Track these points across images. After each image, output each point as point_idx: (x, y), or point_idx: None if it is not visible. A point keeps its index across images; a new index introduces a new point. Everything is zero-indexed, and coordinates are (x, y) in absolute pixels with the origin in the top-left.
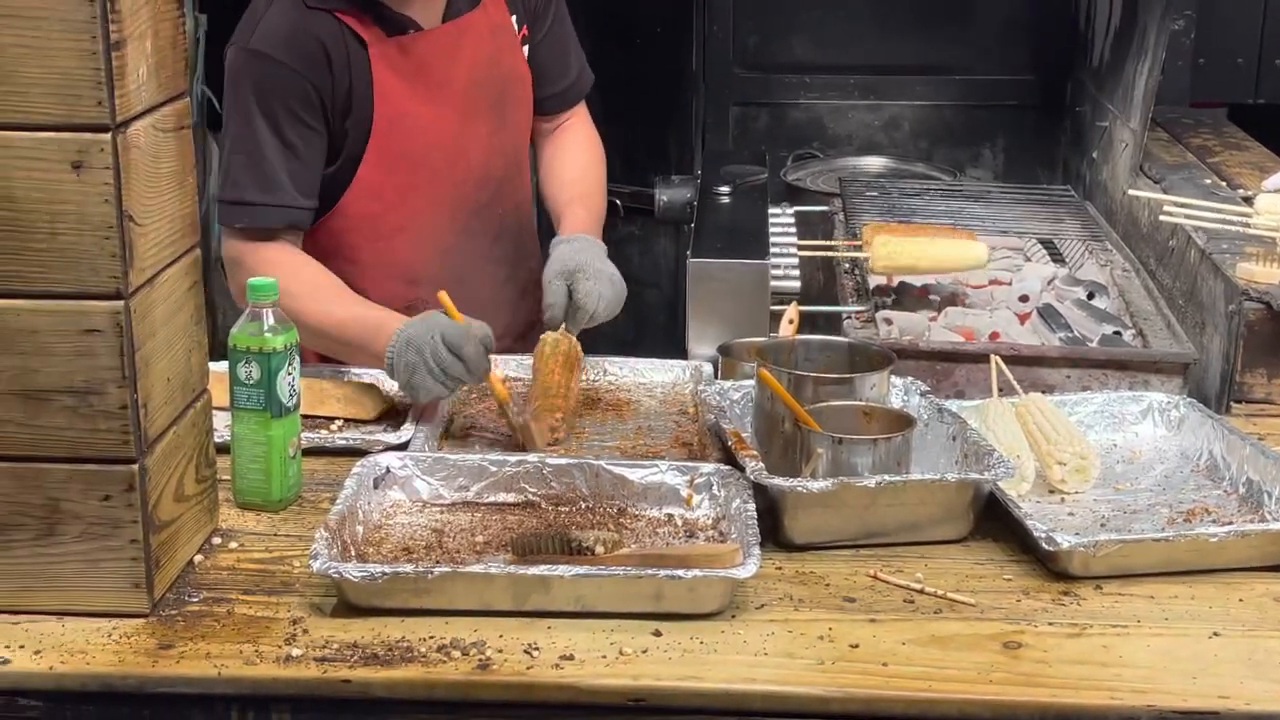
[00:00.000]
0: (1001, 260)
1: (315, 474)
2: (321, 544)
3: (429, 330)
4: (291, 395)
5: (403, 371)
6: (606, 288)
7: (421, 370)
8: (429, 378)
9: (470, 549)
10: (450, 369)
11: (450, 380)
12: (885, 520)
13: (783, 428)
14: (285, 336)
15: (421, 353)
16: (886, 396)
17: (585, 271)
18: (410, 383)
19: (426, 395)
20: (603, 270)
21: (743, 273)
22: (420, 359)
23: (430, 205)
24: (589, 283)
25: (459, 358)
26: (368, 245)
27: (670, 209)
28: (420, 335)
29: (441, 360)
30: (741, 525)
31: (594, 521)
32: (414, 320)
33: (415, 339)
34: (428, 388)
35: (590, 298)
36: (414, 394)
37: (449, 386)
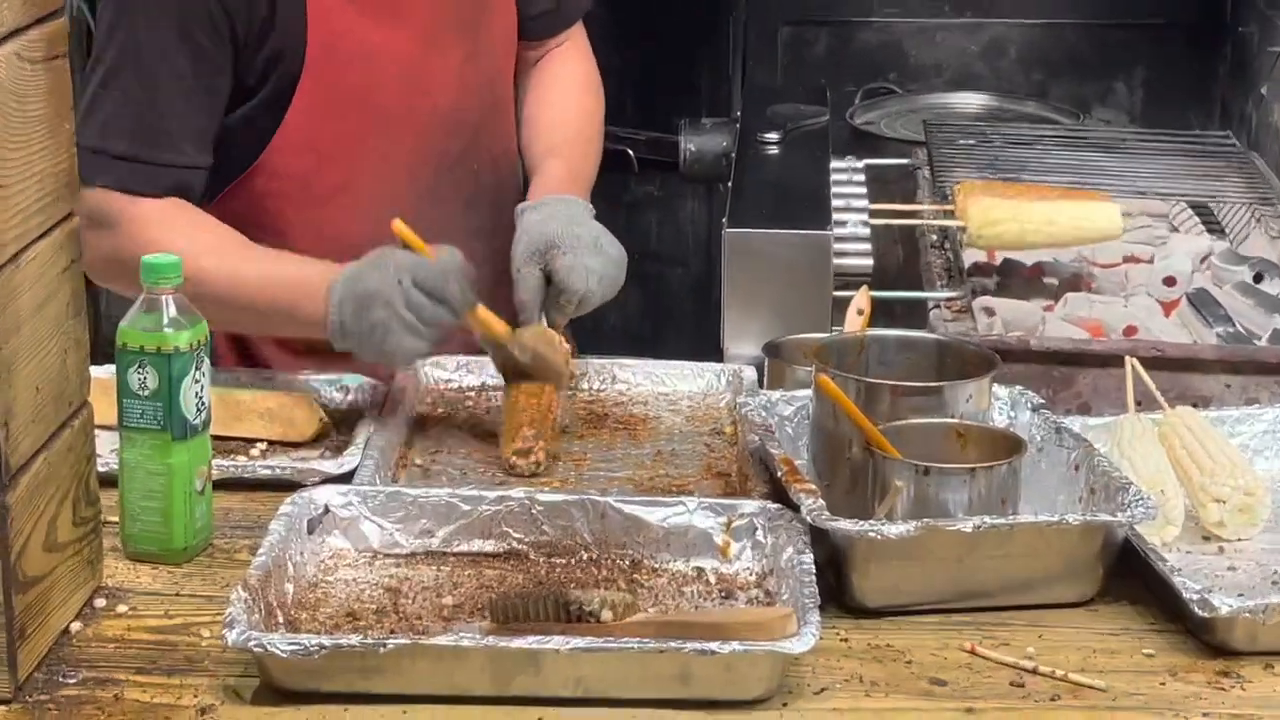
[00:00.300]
0: (1140, 231)
1: (231, 514)
2: (239, 607)
3: (393, 274)
4: (199, 410)
5: (367, 336)
6: (593, 258)
7: (396, 329)
8: (406, 336)
9: (436, 614)
10: (433, 318)
11: (433, 330)
12: (986, 576)
13: (849, 453)
14: (192, 332)
15: (391, 305)
16: (987, 412)
17: (560, 243)
18: (382, 349)
19: (406, 359)
20: (582, 236)
21: (797, 247)
22: (391, 314)
23: (382, 160)
24: (567, 258)
25: (440, 300)
26: (299, 214)
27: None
28: (383, 284)
29: (420, 309)
30: (795, 583)
31: (599, 578)
32: (362, 265)
33: (376, 291)
34: (406, 349)
35: (573, 275)
36: (388, 361)
37: (431, 340)
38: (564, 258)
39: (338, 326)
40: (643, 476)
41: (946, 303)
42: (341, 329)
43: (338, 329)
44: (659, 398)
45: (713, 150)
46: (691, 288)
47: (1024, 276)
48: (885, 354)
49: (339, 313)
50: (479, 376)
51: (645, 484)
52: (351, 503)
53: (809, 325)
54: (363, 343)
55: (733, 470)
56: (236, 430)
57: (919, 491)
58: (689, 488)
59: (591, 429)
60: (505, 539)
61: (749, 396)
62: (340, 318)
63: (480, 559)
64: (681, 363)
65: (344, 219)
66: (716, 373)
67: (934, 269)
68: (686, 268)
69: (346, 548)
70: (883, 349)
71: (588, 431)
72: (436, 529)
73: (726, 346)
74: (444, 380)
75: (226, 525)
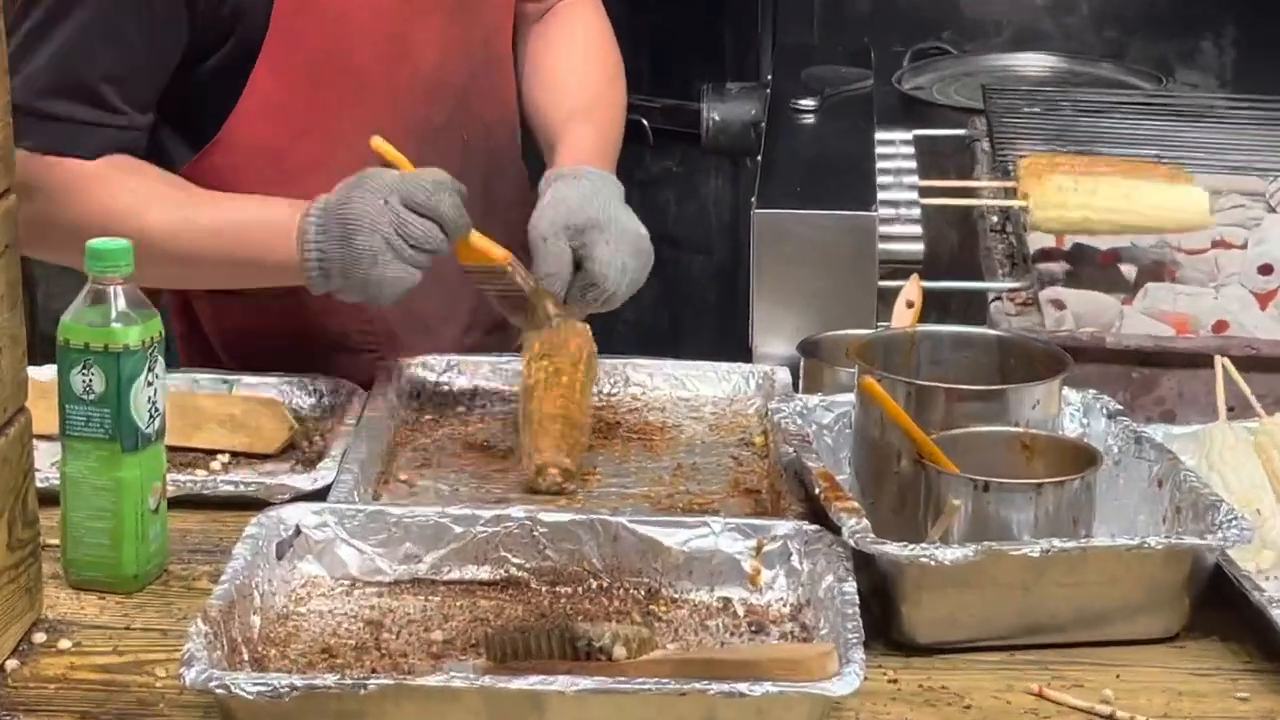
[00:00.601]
0: (1232, 212)
1: (189, 536)
2: (198, 643)
3: (376, 194)
4: (153, 417)
5: (353, 267)
6: (632, 255)
7: (384, 254)
8: (395, 263)
9: (424, 651)
10: (425, 240)
11: (423, 255)
12: (1056, 607)
13: (898, 467)
14: (144, 328)
15: (378, 229)
16: (1057, 419)
17: (602, 227)
18: (368, 280)
19: (394, 290)
20: (627, 226)
21: (836, 230)
22: (380, 239)
23: (357, 129)
24: (607, 248)
25: (432, 219)
26: (265, 190)
27: (725, 133)
28: (369, 206)
29: (411, 231)
30: (836, 615)
31: (611, 609)
32: (341, 189)
33: (361, 214)
34: (396, 278)
35: (610, 269)
36: (375, 294)
37: (422, 266)
38: (603, 247)
39: (316, 263)
40: (660, 494)
41: (1009, 294)
42: (323, 265)
43: (316, 266)
44: (679, 403)
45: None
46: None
47: (1098, 264)
48: (939, 353)
49: (320, 245)
50: (471, 378)
51: (663, 502)
52: (327, 523)
53: (851, 320)
54: (348, 275)
55: (764, 487)
56: (195, 440)
57: (978, 510)
58: (713, 506)
59: (602, 439)
60: (503, 565)
61: (782, 402)
62: (321, 251)
63: (474, 588)
64: (704, 363)
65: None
66: (745, 374)
67: (994, 255)
68: (709, 254)
69: (321, 575)
70: (936, 347)
71: (598, 442)
72: (424, 553)
73: (756, 345)
74: (432, 383)
75: (184, 549)
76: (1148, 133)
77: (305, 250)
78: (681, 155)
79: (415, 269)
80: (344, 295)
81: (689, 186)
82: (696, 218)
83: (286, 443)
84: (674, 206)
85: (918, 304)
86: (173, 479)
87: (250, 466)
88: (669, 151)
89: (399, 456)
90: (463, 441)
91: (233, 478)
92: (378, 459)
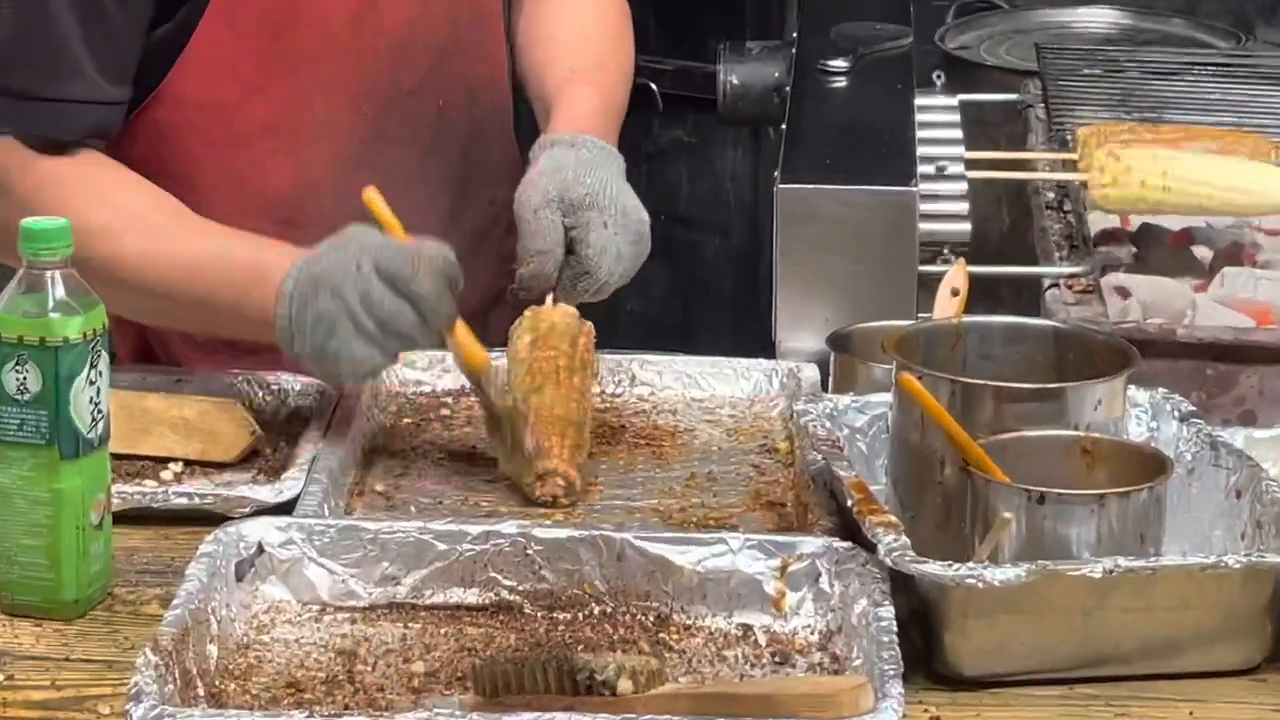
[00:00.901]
0: None
1: (136, 555)
2: (148, 676)
3: (351, 257)
4: (96, 420)
5: (311, 332)
6: (627, 242)
7: (344, 325)
8: (356, 339)
9: (403, 685)
10: (392, 320)
11: (392, 340)
12: (1120, 635)
13: (942, 476)
14: (85, 319)
15: (341, 294)
16: (1121, 421)
17: (601, 207)
18: (324, 351)
19: (353, 372)
20: (628, 209)
21: (871, 208)
22: (341, 306)
23: (316, 89)
24: (604, 231)
25: (406, 298)
26: (213, 158)
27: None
28: (337, 266)
29: (376, 305)
30: (870, 644)
31: (616, 638)
32: (323, 246)
33: (326, 274)
34: (354, 358)
35: (604, 257)
36: (332, 370)
37: (388, 352)
38: (600, 231)
39: (287, 321)
40: (671, 507)
41: (1067, 280)
42: (289, 325)
43: (286, 324)
44: (692, 405)
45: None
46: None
47: (1168, 246)
48: (988, 347)
49: (289, 302)
50: (456, 377)
51: (675, 516)
52: (293, 540)
53: (888, 310)
54: (305, 343)
55: (788, 499)
56: (143, 447)
57: (1033, 525)
58: (732, 521)
59: (605, 445)
60: (493, 587)
61: (809, 403)
62: (289, 309)
63: (461, 613)
64: (721, 359)
65: (271, 165)
66: (766, 372)
67: (1050, 237)
68: (725, 236)
69: (287, 599)
70: (985, 340)
71: (600, 449)
72: (404, 575)
73: (779, 338)
74: (412, 381)
75: (131, 569)
76: (1224, 98)
77: (279, 303)
78: (695, 124)
79: (378, 352)
80: (313, 368)
81: (703, 159)
82: (711, 195)
83: (247, 449)
84: (686, 182)
85: (964, 292)
86: (118, 490)
87: (206, 476)
88: (680, 119)
89: (375, 465)
90: (446, 448)
91: (186, 489)
92: (350, 468)
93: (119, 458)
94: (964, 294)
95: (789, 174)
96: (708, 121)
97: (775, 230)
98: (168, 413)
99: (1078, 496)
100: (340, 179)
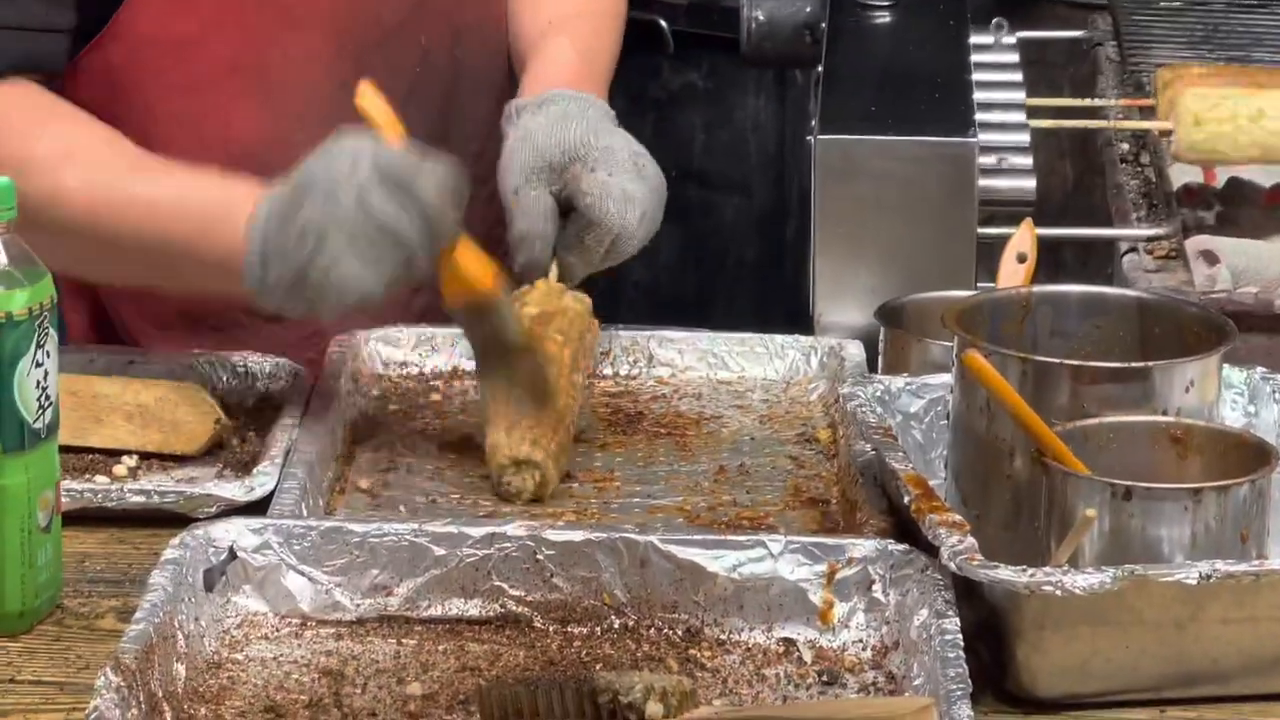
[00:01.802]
0: None
1: (89, 562)
2: (108, 699)
3: (345, 158)
4: (43, 408)
5: (293, 250)
6: (633, 181)
7: (336, 236)
8: (348, 253)
9: (397, 709)
10: (393, 227)
11: (388, 253)
12: (1219, 650)
13: (1011, 468)
14: (31, 292)
15: (335, 198)
16: (1215, 405)
17: (584, 158)
18: (308, 271)
19: (339, 298)
20: (616, 149)
21: (923, 163)
22: (332, 213)
23: (287, 25)
24: (597, 174)
25: (408, 203)
26: (169, 100)
27: (771, 38)
28: (329, 171)
29: (375, 211)
30: (933, 660)
31: (640, 655)
32: (306, 160)
33: (317, 179)
34: (343, 277)
35: (609, 200)
36: (314, 296)
37: (381, 271)
38: (592, 175)
39: (258, 248)
40: (699, 505)
41: (1147, 244)
42: (259, 259)
43: (257, 251)
44: (719, 388)
45: (790, 20)
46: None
47: (1260, 205)
48: (1062, 320)
49: (262, 227)
50: (449, 356)
51: (703, 516)
52: (269, 545)
53: (944, 279)
54: (285, 263)
55: (833, 495)
56: (94, 438)
57: (1118, 524)
58: (769, 521)
59: (620, 435)
60: (498, 598)
61: (855, 385)
62: (261, 238)
63: (461, 627)
64: (751, 335)
65: (235, 112)
66: (804, 350)
67: (1126, 194)
68: (747, 196)
69: (263, 611)
70: (1058, 313)
71: (614, 439)
72: (396, 583)
73: (818, 311)
74: (396, 363)
75: (82, 578)
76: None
77: (250, 236)
78: (712, 67)
79: (374, 271)
80: (286, 303)
81: (722, 108)
82: (731, 148)
83: (212, 440)
84: (701, 134)
85: (1031, 258)
86: (68, 488)
87: (165, 471)
88: (695, 62)
89: (357, 458)
90: (439, 438)
91: (144, 486)
92: (330, 461)
93: (65, 450)
94: (1032, 260)
95: (828, 123)
96: (727, 64)
97: (814, 188)
98: (121, 398)
99: (1169, 491)
100: (313, 126)
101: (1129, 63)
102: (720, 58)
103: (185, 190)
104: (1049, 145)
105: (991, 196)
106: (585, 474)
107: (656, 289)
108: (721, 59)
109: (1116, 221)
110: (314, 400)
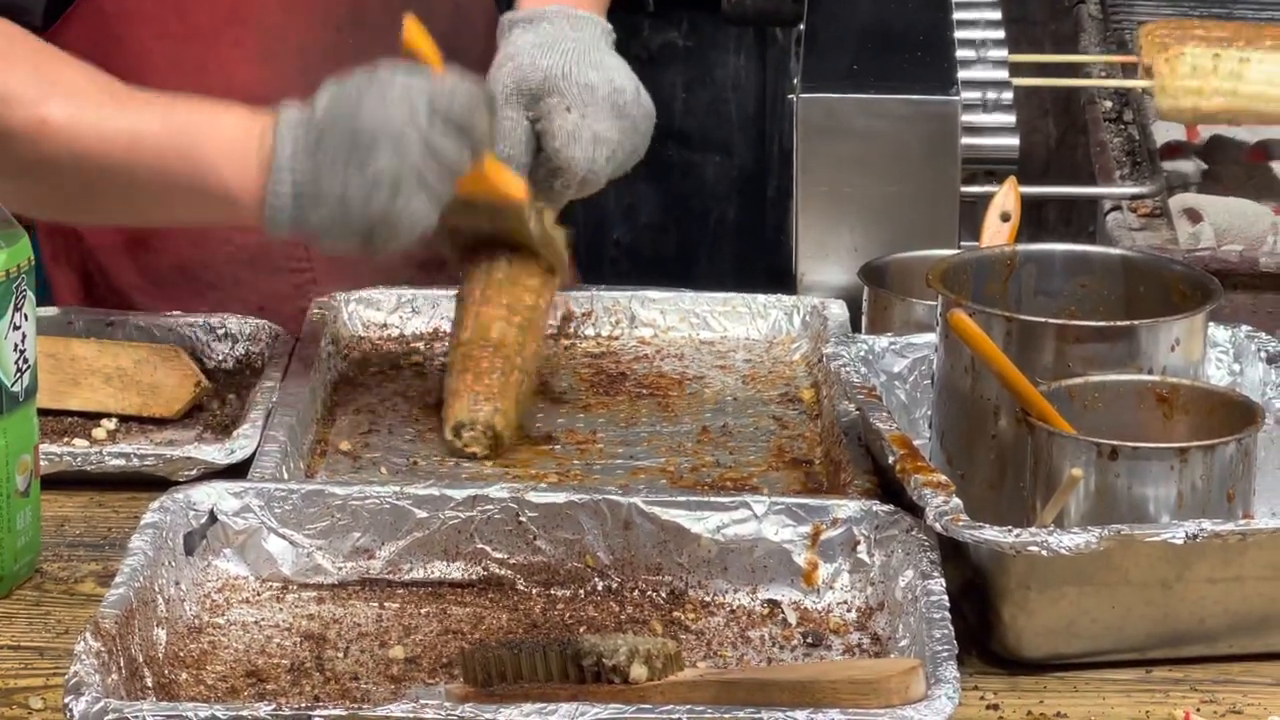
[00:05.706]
0: None
1: (67, 526)
2: (88, 664)
3: (402, 100)
4: (21, 371)
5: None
6: (605, 120)
7: (409, 182)
8: (420, 195)
9: (380, 673)
10: (458, 164)
11: (450, 182)
12: (1205, 610)
13: (996, 427)
14: (8, 253)
15: (404, 148)
16: (1201, 364)
17: (561, 91)
18: (387, 216)
19: (410, 232)
20: (595, 85)
21: (906, 120)
22: (403, 163)
23: None
24: (568, 116)
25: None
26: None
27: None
28: (392, 115)
29: (441, 154)
30: (919, 622)
31: (624, 618)
32: (345, 88)
33: (384, 124)
34: (414, 216)
35: (574, 146)
36: (389, 235)
37: (445, 198)
38: (563, 117)
39: (292, 193)
40: (682, 466)
41: (1131, 202)
42: (303, 196)
43: (291, 197)
44: (701, 348)
45: None
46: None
47: (1243, 163)
48: (1046, 279)
49: (303, 167)
50: (428, 318)
51: (686, 477)
52: (250, 508)
53: (927, 238)
54: (350, 212)
55: (816, 455)
56: (73, 400)
57: (1104, 483)
58: (752, 482)
59: (601, 395)
60: (480, 560)
61: (839, 345)
62: (306, 174)
63: (444, 590)
64: (733, 295)
65: (233, 61)
66: (787, 309)
67: (1109, 152)
68: (728, 155)
69: (244, 575)
70: (1043, 271)
71: (596, 400)
72: (378, 546)
73: (801, 270)
74: (377, 325)
75: (61, 542)
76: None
77: (276, 173)
78: (692, 25)
79: (436, 205)
80: (332, 241)
81: (702, 66)
82: (711, 107)
83: (191, 402)
84: (681, 93)
85: (1015, 216)
86: (46, 451)
87: (145, 434)
88: (675, 20)
89: (338, 420)
90: (419, 400)
91: (123, 449)
92: (311, 424)
93: (44, 413)
94: (1016, 218)
95: (810, 81)
96: (707, 22)
97: (796, 146)
98: (99, 361)
99: (1155, 450)
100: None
101: (1112, 19)
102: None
103: (179, 116)
104: (1032, 103)
105: (974, 155)
106: (567, 435)
107: (638, 249)
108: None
109: (1100, 179)
110: (294, 363)
